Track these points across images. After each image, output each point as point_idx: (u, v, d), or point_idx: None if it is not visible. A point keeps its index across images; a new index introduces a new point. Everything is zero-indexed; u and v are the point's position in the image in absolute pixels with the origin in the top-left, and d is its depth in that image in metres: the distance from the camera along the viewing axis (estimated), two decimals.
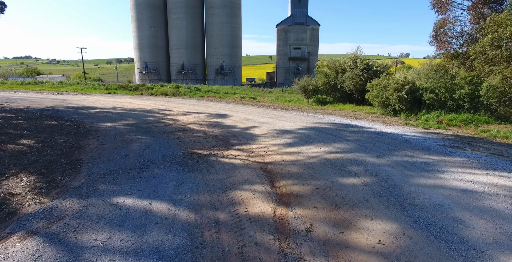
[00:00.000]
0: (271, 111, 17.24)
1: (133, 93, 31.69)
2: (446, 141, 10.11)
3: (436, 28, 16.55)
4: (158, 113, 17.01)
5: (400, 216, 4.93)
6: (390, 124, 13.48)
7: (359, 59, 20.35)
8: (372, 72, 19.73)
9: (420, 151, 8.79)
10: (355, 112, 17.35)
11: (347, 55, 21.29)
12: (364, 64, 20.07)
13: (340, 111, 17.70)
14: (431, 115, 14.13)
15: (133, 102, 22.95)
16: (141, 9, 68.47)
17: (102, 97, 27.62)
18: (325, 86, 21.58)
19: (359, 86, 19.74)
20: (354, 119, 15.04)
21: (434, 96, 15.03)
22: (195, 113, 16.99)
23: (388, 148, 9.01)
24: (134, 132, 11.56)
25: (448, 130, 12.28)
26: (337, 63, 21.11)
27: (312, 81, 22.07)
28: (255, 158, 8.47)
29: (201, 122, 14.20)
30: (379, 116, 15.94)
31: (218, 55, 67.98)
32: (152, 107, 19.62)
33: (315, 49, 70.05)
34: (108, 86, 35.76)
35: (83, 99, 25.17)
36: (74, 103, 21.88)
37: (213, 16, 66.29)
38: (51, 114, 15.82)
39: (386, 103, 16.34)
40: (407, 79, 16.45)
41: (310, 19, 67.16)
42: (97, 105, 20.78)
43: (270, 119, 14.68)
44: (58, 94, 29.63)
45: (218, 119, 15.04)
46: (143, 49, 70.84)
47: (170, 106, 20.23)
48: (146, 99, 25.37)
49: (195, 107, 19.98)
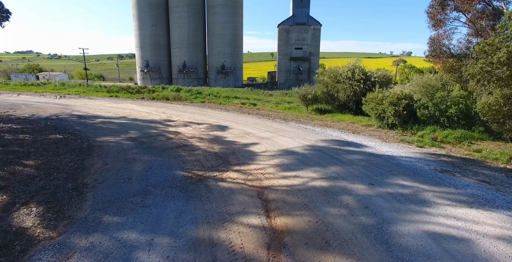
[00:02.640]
0: (270, 123, 17.58)
1: (135, 96, 32.05)
2: (438, 164, 10.45)
3: (432, 43, 16.77)
4: (160, 124, 17.37)
5: (385, 257, 5.30)
6: (386, 140, 13.81)
7: (357, 69, 20.58)
8: (370, 83, 19.99)
9: (411, 177, 9.14)
10: (353, 124, 17.67)
11: (345, 64, 21.55)
12: (362, 74, 20.31)
13: (338, 123, 18.02)
14: (426, 131, 14.45)
15: (135, 109, 23.32)
16: (143, 7, 68.52)
17: (105, 101, 27.99)
18: (324, 95, 21.90)
19: (353, 97, 20.00)
20: (351, 133, 15.37)
21: (428, 112, 15.32)
22: (196, 124, 17.34)
23: (381, 173, 9.37)
24: (136, 149, 11.93)
25: (442, 148, 12.61)
26: (336, 73, 21.36)
27: (311, 89, 22.36)
28: (253, 181, 8.84)
29: (202, 135, 14.55)
30: (376, 130, 16.26)
31: (220, 55, 68.09)
32: (154, 116, 19.98)
33: (316, 49, 70.12)
34: (110, 88, 36.10)
35: (85, 104, 25.55)
36: (78, 109, 22.26)
37: (214, 15, 66.31)
38: (56, 124, 16.20)
39: (382, 116, 16.66)
40: (404, 93, 16.73)
41: (312, 19, 67.12)
42: (100, 112, 21.15)
43: (269, 133, 15.03)
44: (61, 98, 30.03)
45: (218, 132, 15.39)
46: (144, 47, 71.01)
47: (171, 115, 20.58)
48: (148, 105, 25.72)
49: (196, 116, 20.33)
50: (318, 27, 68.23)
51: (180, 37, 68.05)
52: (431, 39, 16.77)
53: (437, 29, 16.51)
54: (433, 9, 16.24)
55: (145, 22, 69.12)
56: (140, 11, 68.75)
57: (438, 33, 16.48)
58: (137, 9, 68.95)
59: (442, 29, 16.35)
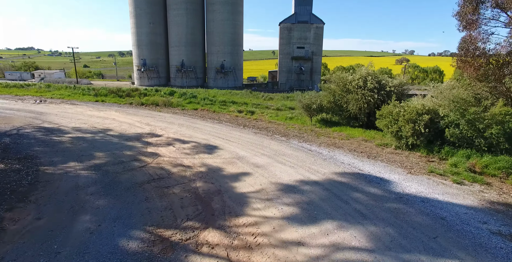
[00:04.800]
0: (267, 142, 14.86)
1: (123, 101, 29.36)
2: (498, 221, 7.54)
3: (462, 47, 14.02)
4: (139, 141, 14.72)
5: None
6: (411, 171, 11.08)
7: (370, 76, 17.80)
8: (385, 93, 17.22)
9: (473, 256, 6.36)
10: (366, 143, 14.96)
11: (357, 71, 18.76)
12: (375, 83, 17.54)
13: (348, 141, 15.30)
14: (458, 158, 11.69)
15: (117, 118, 20.66)
16: (140, 4, 65.75)
17: (87, 108, 25.33)
18: (330, 105, 19.11)
19: (366, 109, 17.27)
20: (366, 157, 12.65)
21: (459, 132, 12.59)
22: (180, 142, 14.67)
23: (423, 244, 6.56)
24: (94, 185, 9.28)
25: (488, 185, 9.83)
26: (345, 80, 18.59)
27: (316, 98, 19.58)
28: (239, 253, 6.19)
29: (184, 160, 11.90)
30: (394, 152, 13.53)
31: (219, 54, 65.34)
32: (135, 129, 17.32)
33: (319, 48, 67.05)
34: (98, 91, 33.45)
35: (63, 112, 22.90)
36: (50, 120, 19.60)
37: (214, 13, 63.50)
38: (9, 143, 13.51)
39: (399, 135, 13.95)
40: (426, 107, 13.97)
41: (315, 17, 64.07)
42: (75, 123, 18.49)
43: (265, 158, 12.33)
44: (40, 103, 27.38)
45: (205, 155, 12.72)
46: (141, 46, 68.31)
47: (156, 128, 17.90)
48: (133, 113, 23.04)
49: (184, 129, 17.63)
50: (321, 26, 65.22)
51: (178, 35, 65.26)
52: (461, 42, 14.02)
53: (469, 31, 13.75)
54: (465, 7, 13.49)
55: (142, 20, 66.32)
56: (137, 8, 65.94)
57: (470, 35, 13.70)
58: (133, 6, 66.15)
59: (476, 31, 13.59)
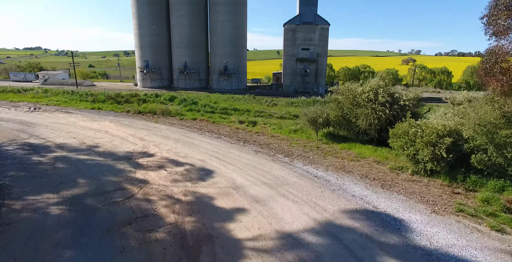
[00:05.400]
0: (269, 165, 13.37)
1: (121, 109, 28.11)
2: None
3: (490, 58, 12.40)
4: (129, 163, 13.38)
5: None
6: (435, 208, 9.53)
7: (381, 89, 16.24)
8: (399, 107, 15.68)
9: None
10: (378, 166, 13.44)
11: (367, 82, 17.20)
12: (387, 96, 15.98)
13: (358, 163, 13.80)
14: (489, 193, 10.14)
15: (110, 131, 19.39)
16: (142, 5, 64.58)
17: (81, 117, 24.11)
18: (338, 119, 17.60)
19: (377, 125, 15.73)
20: (379, 187, 11.15)
21: (487, 159, 11.04)
22: (174, 165, 13.29)
23: None
24: (63, 231, 7.94)
25: None
26: (354, 93, 17.04)
27: (322, 111, 18.07)
28: None
29: (175, 190, 10.53)
30: (412, 179, 12.00)
31: (222, 55, 63.91)
32: (127, 145, 16.01)
33: (324, 50, 65.07)
34: (96, 97, 32.30)
35: (55, 123, 21.69)
36: (38, 133, 18.38)
37: (216, 14, 62.06)
38: None
39: (416, 158, 12.43)
40: (447, 128, 12.40)
41: (320, 18, 62.15)
42: (63, 138, 17.24)
43: (266, 188, 10.88)
44: (34, 111, 26.23)
45: (198, 183, 11.33)
46: (144, 47, 67.10)
47: (149, 144, 16.55)
48: (128, 125, 21.73)
49: (179, 146, 16.25)
50: (326, 27, 63.27)
51: (181, 37, 63.95)
52: (488, 53, 12.39)
53: (499, 39, 12.11)
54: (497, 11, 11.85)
55: (144, 21, 65.12)
56: (139, 9, 64.78)
57: (500, 46, 12.07)
58: (136, 7, 65.00)
59: (507, 39, 11.95)
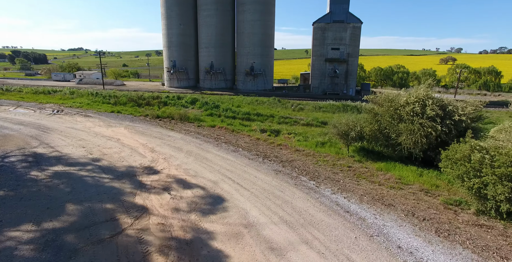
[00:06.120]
0: (291, 193, 11.24)
1: (140, 112, 27.19)
2: None
3: None
4: (131, 181, 11.89)
5: None
6: None
7: (430, 100, 13.46)
8: (453, 123, 12.85)
9: None
10: (427, 197, 10.86)
11: (412, 91, 14.46)
12: (438, 108, 13.19)
13: (400, 192, 11.28)
14: None
15: (121, 139, 18.21)
16: (171, 5, 64.72)
17: (98, 121, 23.33)
18: (373, 133, 15.05)
19: (424, 145, 12.99)
20: (434, 234, 8.64)
21: None
22: (181, 186, 11.60)
23: None
24: None
25: None
26: (396, 103, 14.39)
27: (355, 124, 15.57)
28: None
29: (174, 226, 8.79)
30: (478, 223, 9.35)
31: (249, 55, 62.39)
32: (135, 158, 14.61)
33: (355, 49, 60.91)
34: (118, 99, 31.81)
35: (71, 128, 20.97)
36: (49, 140, 17.56)
37: (244, 13, 60.56)
38: None
39: (483, 193, 9.74)
40: None
41: (351, 16, 58.23)
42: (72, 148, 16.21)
43: (286, 228, 8.79)
44: (55, 114, 25.93)
45: (205, 217, 9.51)
46: (171, 47, 67.36)
47: (158, 157, 15.03)
48: (142, 132, 20.48)
49: (190, 161, 14.54)
50: (358, 25, 59.24)
51: (208, 37, 63.24)
52: None
53: None
54: None
55: (172, 21, 65.22)
56: (168, 9, 64.93)
57: None
58: (165, 7, 65.26)
59: None
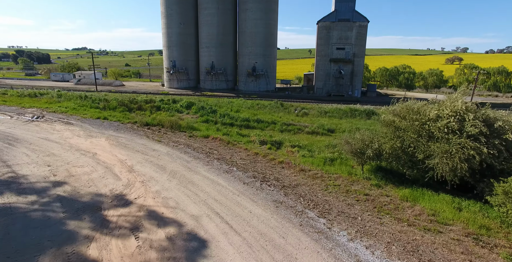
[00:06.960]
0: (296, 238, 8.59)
1: (128, 119, 24.66)
2: None
3: None
4: (91, 217, 9.30)
5: None
6: None
7: (470, 113, 10.70)
8: (502, 143, 10.09)
9: None
10: (477, 247, 8.14)
11: (446, 102, 11.67)
12: (481, 124, 10.41)
13: (440, 238, 8.56)
14: None
15: (98, 154, 15.66)
16: (171, 4, 62.08)
17: (79, 131, 20.81)
18: (395, 152, 12.29)
19: (465, 171, 10.22)
20: None
21: None
22: (154, 225, 9.00)
23: None
24: None
25: None
26: (422, 116, 11.62)
27: (372, 140, 12.82)
28: None
29: None
30: None
31: (251, 55, 59.76)
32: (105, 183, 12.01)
33: (361, 49, 57.82)
34: (108, 103, 29.34)
35: (43, 139, 18.44)
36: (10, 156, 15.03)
37: (246, 12, 57.89)
38: None
39: None
40: None
41: (358, 14, 55.18)
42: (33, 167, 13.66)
43: None
44: (33, 121, 23.47)
45: None
46: (171, 47, 64.74)
47: (135, 180, 12.41)
48: (125, 144, 17.88)
49: (172, 187, 11.89)
50: (364, 24, 56.14)
51: (209, 36, 60.59)
52: None
53: None
54: None
55: (172, 20, 62.56)
56: (168, 8, 62.29)
57: None
58: (165, 6, 62.61)
59: None
